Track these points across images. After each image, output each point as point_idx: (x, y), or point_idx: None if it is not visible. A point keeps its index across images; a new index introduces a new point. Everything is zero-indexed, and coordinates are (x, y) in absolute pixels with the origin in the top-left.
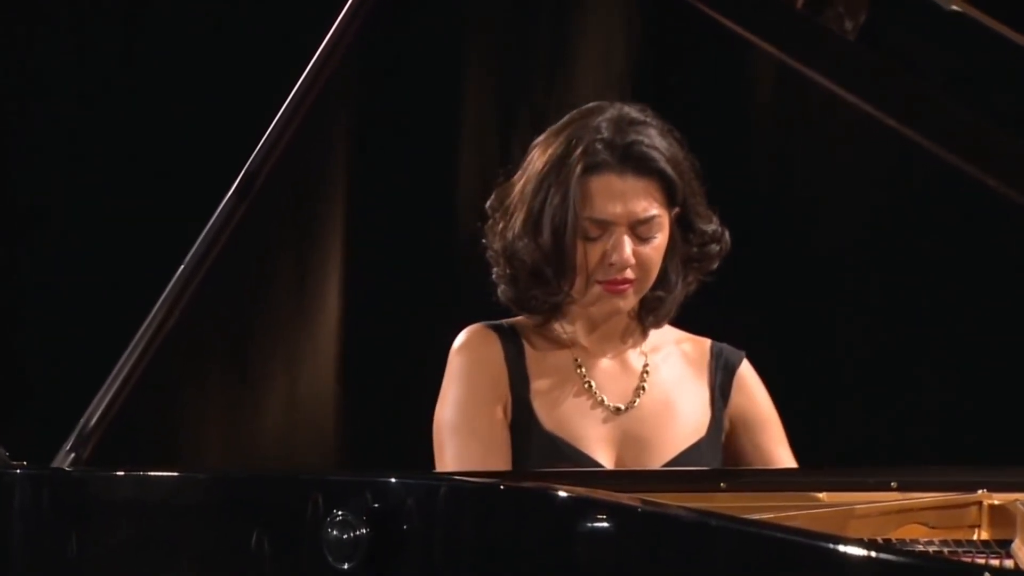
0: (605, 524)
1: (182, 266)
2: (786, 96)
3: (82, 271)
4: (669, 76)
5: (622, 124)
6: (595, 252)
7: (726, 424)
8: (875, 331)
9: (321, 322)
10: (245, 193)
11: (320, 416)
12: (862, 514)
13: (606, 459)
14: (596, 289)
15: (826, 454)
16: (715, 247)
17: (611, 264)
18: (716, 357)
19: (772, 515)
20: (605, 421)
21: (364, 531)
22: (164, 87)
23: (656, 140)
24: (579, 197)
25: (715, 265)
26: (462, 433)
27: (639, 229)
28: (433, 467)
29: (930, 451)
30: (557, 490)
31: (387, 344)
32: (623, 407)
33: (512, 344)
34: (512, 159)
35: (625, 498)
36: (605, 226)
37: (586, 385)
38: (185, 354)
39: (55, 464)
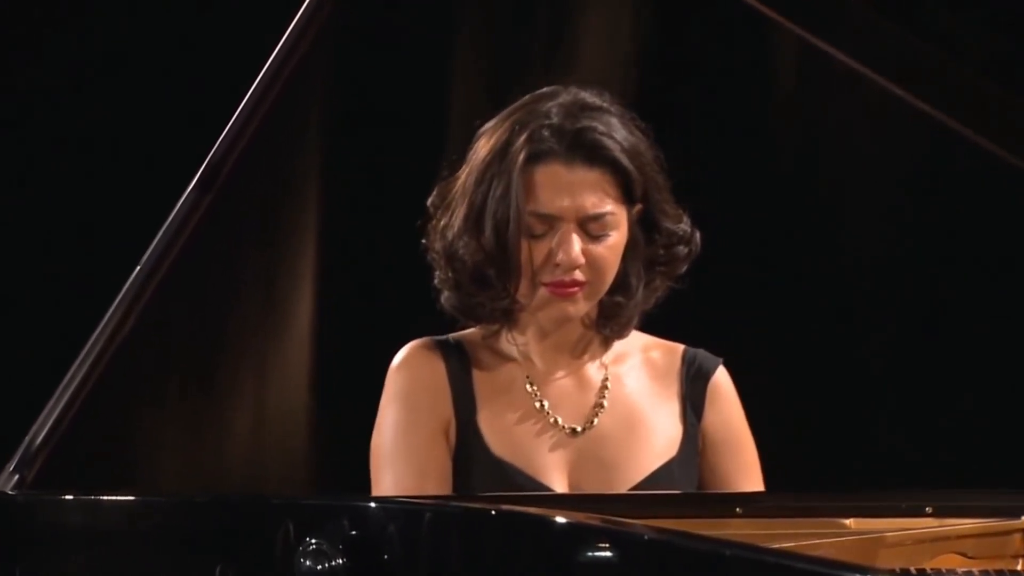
0: (607, 554)
1: (138, 268)
2: (809, 79)
3: (27, 274)
4: (680, 57)
5: (574, 109)
6: (540, 250)
7: (700, 442)
8: (908, 336)
9: (292, 331)
10: (207, 188)
11: (292, 434)
12: (893, 542)
13: (562, 486)
14: (543, 292)
15: (853, 475)
16: (683, 249)
17: (557, 264)
18: (688, 365)
19: (794, 544)
20: (560, 444)
21: (340, 561)
22: (119, 72)
23: (613, 128)
24: (522, 189)
25: (683, 269)
26: (398, 461)
27: (590, 226)
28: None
29: (970, 472)
30: (555, 516)
31: (365, 355)
32: (579, 428)
33: (457, 361)
34: None
35: (630, 525)
36: (551, 221)
37: (538, 405)
38: (142, 366)
39: None
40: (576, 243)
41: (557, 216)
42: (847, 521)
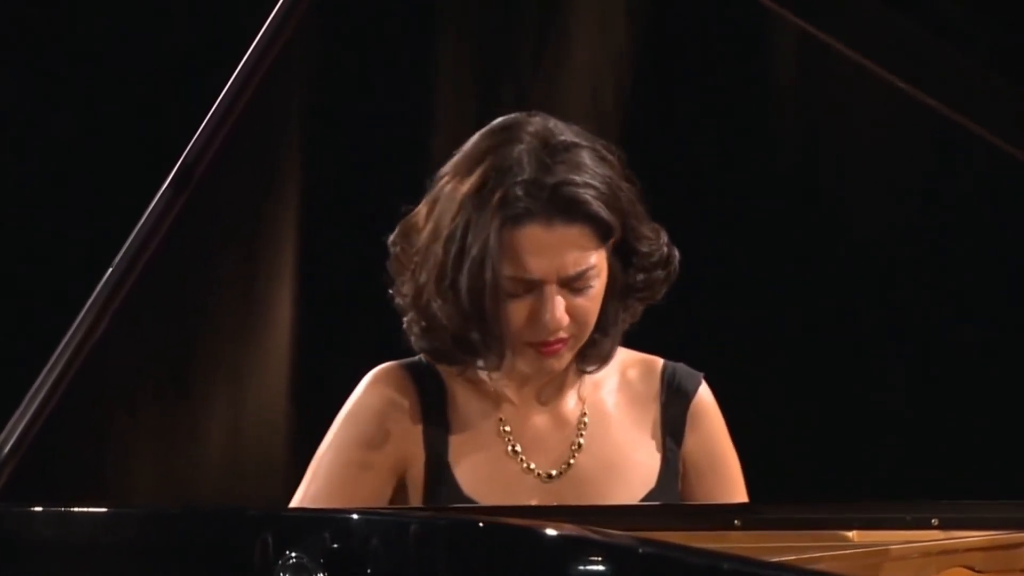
0: (600, 567)
1: (110, 270)
2: (810, 72)
3: None
4: (678, 52)
5: (544, 156)
6: (520, 312)
7: (680, 467)
8: (913, 342)
9: (271, 336)
10: (183, 186)
11: (270, 442)
12: (898, 556)
13: None
14: (529, 350)
15: (857, 486)
16: (661, 273)
17: (542, 326)
18: (667, 383)
19: (794, 557)
20: (534, 491)
21: None
22: (92, 68)
23: (588, 171)
24: (498, 253)
25: (663, 293)
26: (324, 479)
27: (573, 283)
28: (402, 501)
29: (977, 483)
30: (545, 528)
31: (346, 360)
32: (555, 472)
33: (432, 391)
34: None
35: (624, 537)
36: (531, 285)
37: (511, 449)
38: (114, 372)
39: None
40: (560, 305)
41: (538, 279)
42: (850, 534)
